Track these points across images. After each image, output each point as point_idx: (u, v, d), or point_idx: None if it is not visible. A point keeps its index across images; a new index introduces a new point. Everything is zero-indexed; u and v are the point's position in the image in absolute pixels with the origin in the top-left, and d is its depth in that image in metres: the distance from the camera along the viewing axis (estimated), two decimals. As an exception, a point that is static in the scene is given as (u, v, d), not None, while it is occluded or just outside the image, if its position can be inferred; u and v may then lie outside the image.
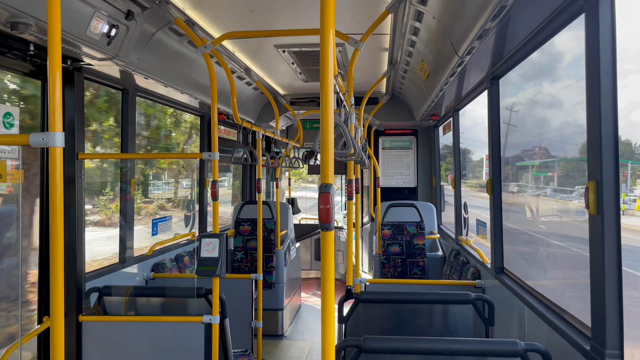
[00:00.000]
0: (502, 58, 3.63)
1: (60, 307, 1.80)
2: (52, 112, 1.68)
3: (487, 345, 2.23)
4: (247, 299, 4.78)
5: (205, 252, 3.20)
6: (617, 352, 2.10)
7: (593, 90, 2.19)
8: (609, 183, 2.11)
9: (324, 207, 1.49)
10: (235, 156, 4.72)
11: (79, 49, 3.05)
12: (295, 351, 6.03)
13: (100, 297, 3.63)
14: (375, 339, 2.27)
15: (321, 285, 1.55)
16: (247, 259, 6.96)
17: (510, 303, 3.57)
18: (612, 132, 2.12)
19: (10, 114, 2.84)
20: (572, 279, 3.45)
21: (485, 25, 2.82)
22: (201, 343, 3.30)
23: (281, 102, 7.41)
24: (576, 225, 3.61)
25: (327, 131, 1.49)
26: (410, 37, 4.15)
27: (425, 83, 5.19)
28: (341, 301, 3.37)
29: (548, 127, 4.08)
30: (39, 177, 3.45)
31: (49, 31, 1.71)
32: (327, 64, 1.49)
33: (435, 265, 6.61)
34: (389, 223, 6.72)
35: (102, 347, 3.38)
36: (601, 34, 2.16)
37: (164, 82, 4.29)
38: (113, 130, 5.02)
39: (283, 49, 5.03)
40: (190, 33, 3.32)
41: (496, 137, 4.12)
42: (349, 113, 2.90)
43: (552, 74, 3.81)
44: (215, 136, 3.41)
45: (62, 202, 1.78)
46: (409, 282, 4.68)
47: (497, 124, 4.11)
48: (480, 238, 5.05)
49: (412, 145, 8.58)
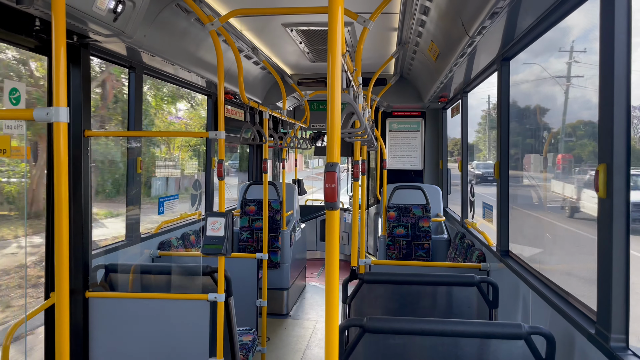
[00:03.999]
0: (514, 39, 3.57)
1: (65, 283, 1.81)
2: (56, 86, 1.66)
3: (491, 327, 2.23)
4: (252, 278, 4.81)
5: (211, 230, 3.20)
6: (622, 337, 2.09)
7: (606, 73, 2.15)
8: (620, 166, 2.08)
9: (330, 186, 1.48)
10: (243, 136, 4.70)
11: (85, 25, 3.02)
12: (300, 330, 6.09)
13: (107, 274, 3.66)
14: (379, 319, 2.28)
15: (326, 264, 1.54)
16: (252, 239, 6.99)
17: (514, 286, 3.56)
18: (625, 116, 2.08)
19: (17, 90, 2.83)
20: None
21: (497, 4, 2.76)
22: (206, 320, 3.33)
23: (288, 83, 7.36)
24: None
25: (334, 109, 1.47)
26: (420, 17, 4.08)
27: (434, 64, 5.12)
28: (345, 282, 3.38)
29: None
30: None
31: (53, 5, 1.68)
32: (335, 40, 1.46)
33: (440, 247, 6.62)
34: (395, 205, 6.71)
35: (109, 323, 3.41)
36: (616, 14, 2.10)
37: (170, 60, 4.26)
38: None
39: (291, 28, 4.97)
40: (197, 10, 3.28)
41: (505, 120, 4.07)
42: (357, 93, 2.87)
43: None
44: (222, 115, 3.39)
45: (67, 178, 1.77)
46: (414, 263, 4.68)
47: (506, 106, 4.06)
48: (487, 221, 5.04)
49: (419, 128, 8.52)
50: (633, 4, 2.09)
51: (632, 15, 2.09)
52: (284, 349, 5.53)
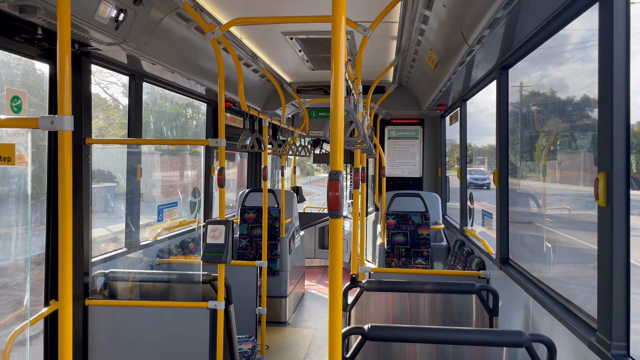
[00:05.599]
0: (512, 47, 3.59)
1: (69, 291, 1.81)
2: (61, 95, 1.67)
3: (492, 335, 2.23)
4: (252, 286, 4.81)
5: (212, 238, 3.20)
6: (623, 344, 2.10)
7: (605, 81, 2.17)
8: (620, 174, 2.09)
9: (333, 195, 1.49)
10: (242, 144, 4.71)
11: (87, 33, 3.04)
12: (299, 338, 6.07)
13: (106, 282, 3.65)
14: (381, 327, 2.28)
15: (329, 271, 1.55)
16: (251, 247, 6.98)
17: (515, 294, 3.57)
18: (624, 123, 2.10)
19: (18, 98, 2.84)
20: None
21: (497, 14, 2.79)
22: (206, 328, 3.33)
23: (287, 90, 7.38)
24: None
25: (337, 118, 1.48)
26: (419, 26, 4.11)
27: (433, 72, 5.15)
28: (346, 289, 3.38)
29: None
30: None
31: (59, 14, 1.70)
32: (338, 51, 1.48)
33: (439, 255, 6.62)
34: (394, 213, 6.71)
35: (108, 330, 3.41)
36: (615, 24, 2.12)
37: (170, 68, 4.27)
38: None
39: (291, 36, 4.99)
40: (198, 18, 3.30)
41: (504, 127, 4.09)
42: (357, 101, 2.89)
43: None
44: (222, 123, 3.41)
45: (70, 186, 1.78)
46: (414, 271, 4.69)
47: (505, 114, 4.08)
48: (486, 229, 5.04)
49: (418, 135, 8.55)
50: (631, 11, 2.11)
51: (631, 22, 2.12)
52: (283, 357, 5.51)
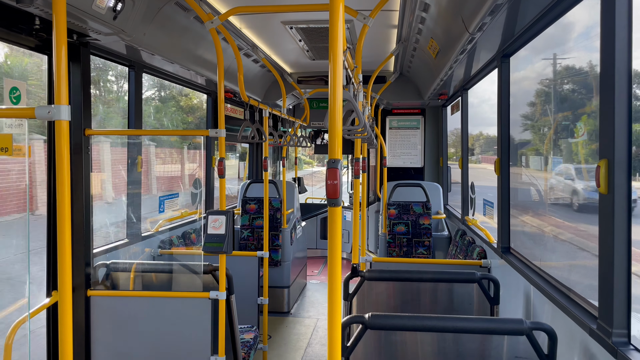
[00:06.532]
0: (514, 35, 3.56)
1: (68, 282, 1.81)
2: (57, 85, 1.66)
3: (493, 323, 2.24)
4: (254, 276, 4.82)
5: (212, 229, 3.21)
6: (624, 332, 2.10)
7: (607, 67, 2.15)
8: (621, 162, 2.08)
9: (332, 183, 1.48)
10: (242, 134, 4.70)
11: (85, 24, 3.02)
12: (301, 328, 6.10)
13: (108, 273, 3.66)
14: (381, 316, 2.28)
15: (328, 260, 1.54)
16: (253, 237, 7.00)
17: (515, 282, 3.57)
18: (626, 111, 2.08)
19: (17, 89, 2.83)
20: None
21: (498, 1, 2.76)
22: (208, 318, 3.34)
23: (288, 81, 7.35)
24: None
25: (335, 106, 1.47)
26: (420, 14, 4.08)
27: (434, 61, 5.12)
28: (347, 279, 3.39)
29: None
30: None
31: (54, 3, 1.68)
32: (336, 37, 1.46)
33: (440, 245, 6.62)
34: (395, 203, 6.71)
35: (110, 321, 3.42)
36: (617, 9, 2.10)
37: (170, 58, 4.25)
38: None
39: (290, 26, 4.96)
40: (197, 7, 3.27)
41: (505, 116, 4.07)
42: (357, 90, 2.87)
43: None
44: (222, 113, 3.39)
45: (69, 176, 1.77)
46: (415, 261, 4.69)
47: (506, 103, 4.06)
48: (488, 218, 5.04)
49: (419, 125, 8.52)
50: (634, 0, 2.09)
51: (633, 10, 2.09)
52: (285, 347, 5.54)
